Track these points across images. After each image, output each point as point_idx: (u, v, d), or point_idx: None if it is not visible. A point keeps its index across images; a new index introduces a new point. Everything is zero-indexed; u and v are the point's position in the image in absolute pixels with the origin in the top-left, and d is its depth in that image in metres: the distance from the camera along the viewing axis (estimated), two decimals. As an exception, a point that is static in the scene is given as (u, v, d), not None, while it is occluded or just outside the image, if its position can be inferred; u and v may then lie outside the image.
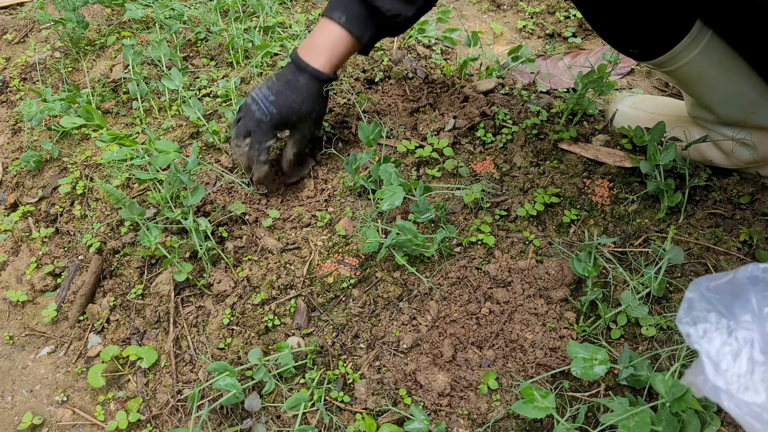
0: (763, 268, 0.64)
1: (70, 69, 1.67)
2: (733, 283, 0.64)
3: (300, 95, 1.15)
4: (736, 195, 1.18)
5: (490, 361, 1.00)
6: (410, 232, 1.05)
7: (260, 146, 1.17)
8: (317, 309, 1.09)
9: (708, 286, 0.64)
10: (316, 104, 1.17)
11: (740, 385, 0.58)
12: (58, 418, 1.04)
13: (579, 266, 1.02)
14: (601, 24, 1.05)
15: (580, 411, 0.89)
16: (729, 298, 0.63)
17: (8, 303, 1.21)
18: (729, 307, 0.62)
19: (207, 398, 1.00)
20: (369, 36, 1.15)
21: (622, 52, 1.10)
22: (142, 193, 1.31)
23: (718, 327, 0.61)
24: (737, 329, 0.61)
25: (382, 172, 1.15)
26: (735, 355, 0.60)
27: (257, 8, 1.70)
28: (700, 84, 1.10)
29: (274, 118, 1.15)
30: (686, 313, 0.62)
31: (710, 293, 0.63)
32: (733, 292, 0.63)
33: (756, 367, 0.59)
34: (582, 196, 1.21)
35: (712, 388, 0.58)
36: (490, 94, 1.46)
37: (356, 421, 0.95)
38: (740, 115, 1.11)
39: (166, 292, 1.14)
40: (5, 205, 1.38)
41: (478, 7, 1.84)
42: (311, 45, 1.16)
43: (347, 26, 1.12)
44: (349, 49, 1.15)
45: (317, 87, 1.16)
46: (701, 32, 1.00)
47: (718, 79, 1.07)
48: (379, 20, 1.13)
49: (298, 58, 1.16)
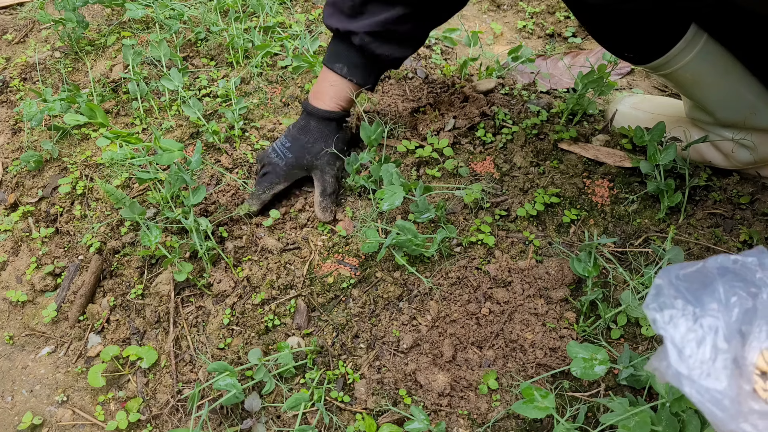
0: (734, 259, 0.64)
1: (70, 69, 1.67)
2: (702, 272, 0.64)
3: (312, 136, 1.21)
4: (736, 195, 1.18)
5: (490, 361, 1.00)
6: (410, 232, 1.05)
7: (270, 185, 1.22)
8: (317, 309, 1.09)
9: (677, 274, 0.64)
10: (328, 141, 1.21)
11: (702, 371, 0.58)
12: (58, 418, 1.04)
13: (579, 266, 1.02)
14: (596, 28, 1.05)
15: (580, 411, 0.89)
16: (697, 286, 0.63)
17: (8, 303, 1.21)
18: (696, 295, 0.62)
19: (207, 398, 1.00)
20: (372, 78, 1.21)
21: (618, 56, 1.10)
22: (142, 193, 1.31)
23: (684, 313, 0.61)
24: (703, 317, 0.61)
25: (384, 172, 1.15)
26: (699, 341, 0.60)
27: (257, 8, 1.70)
28: (697, 87, 1.10)
29: (289, 162, 1.21)
30: (653, 299, 0.62)
31: (679, 281, 0.63)
32: (702, 280, 0.63)
33: (719, 354, 0.59)
34: (582, 196, 1.21)
35: (675, 373, 0.58)
36: (490, 94, 1.46)
37: (356, 421, 0.95)
38: (738, 117, 1.11)
39: (166, 292, 1.14)
40: (5, 205, 1.38)
41: (478, 7, 1.84)
42: (317, 92, 1.22)
43: (349, 76, 1.18)
44: (353, 93, 1.20)
45: (327, 126, 1.21)
46: (696, 35, 1.00)
47: (714, 82, 1.07)
48: (379, 64, 1.19)
49: (308, 104, 1.22)
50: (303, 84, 1.51)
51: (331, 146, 1.21)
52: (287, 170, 1.21)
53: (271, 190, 1.22)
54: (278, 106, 1.47)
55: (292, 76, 1.53)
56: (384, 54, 1.14)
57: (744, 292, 0.63)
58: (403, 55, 1.18)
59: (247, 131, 1.40)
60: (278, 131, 1.38)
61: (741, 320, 0.62)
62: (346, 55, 1.16)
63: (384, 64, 1.19)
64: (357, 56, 1.16)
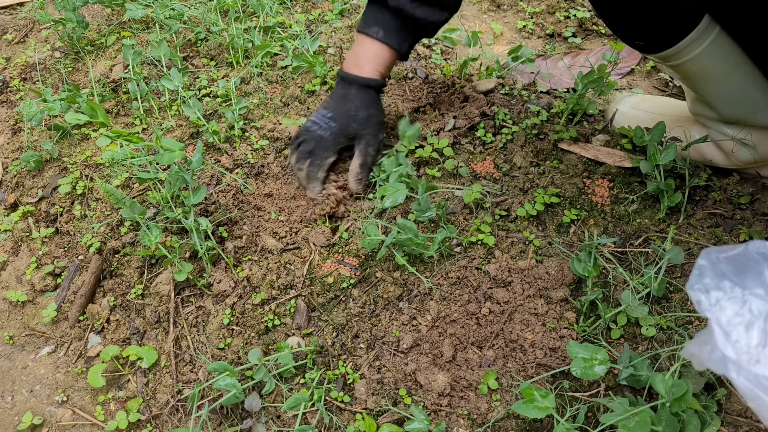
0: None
1: (70, 69, 1.67)
2: (745, 256, 0.61)
3: (354, 103, 1.19)
4: (736, 195, 1.18)
5: (490, 361, 1.00)
6: (411, 231, 1.05)
7: (321, 162, 1.19)
8: (317, 309, 1.09)
9: (719, 257, 0.61)
10: (371, 109, 1.19)
11: (751, 357, 0.55)
12: (58, 418, 1.04)
13: (579, 266, 1.02)
14: (609, 14, 1.05)
15: (580, 411, 0.89)
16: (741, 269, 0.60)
17: (8, 303, 1.21)
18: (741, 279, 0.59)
19: (207, 398, 1.00)
20: (407, 44, 1.18)
21: (628, 44, 1.09)
22: (142, 193, 1.31)
23: (731, 296, 0.58)
24: (751, 300, 0.58)
25: (397, 163, 1.16)
26: (747, 326, 0.57)
27: (257, 8, 1.69)
28: (704, 80, 1.09)
29: (334, 131, 1.18)
30: (697, 280, 0.60)
31: (721, 263, 0.60)
32: (745, 264, 0.60)
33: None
34: (582, 196, 1.21)
35: (721, 358, 0.55)
36: (490, 94, 1.46)
37: (356, 421, 0.95)
38: (741, 114, 1.11)
39: (166, 292, 1.14)
40: (5, 205, 1.38)
41: (478, 7, 1.84)
42: (355, 59, 1.20)
43: (385, 40, 1.16)
44: (391, 59, 1.18)
45: (369, 94, 1.19)
46: (709, 28, 1.00)
47: (722, 76, 1.07)
48: (415, 28, 1.17)
49: (345, 73, 1.20)
50: (303, 84, 1.51)
51: (376, 114, 1.19)
52: (334, 140, 1.19)
53: (323, 166, 1.20)
54: (278, 106, 1.47)
55: (292, 76, 1.53)
56: (421, 17, 1.13)
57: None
58: (439, 19, 1.16)
59: (247, 131, 1.40)
60: (278, 131, 1.38)
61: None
62: (382, 18, 1.15)
63: (420, 28, 1.17)
64: (393, 19, 1.14)
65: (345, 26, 1.69)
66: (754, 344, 0.56)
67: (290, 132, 1.38)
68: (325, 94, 1.47)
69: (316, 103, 1.45)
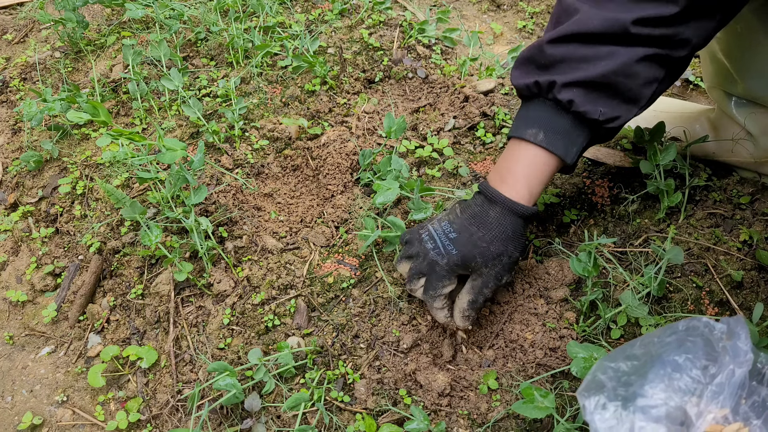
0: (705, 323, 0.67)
1: (70, 69, 1.67)
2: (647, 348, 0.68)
3: (489, 232, 0.93)
4: (736, 195, 1.18)
5: (490, 361, 1.00)
6: (400, 229, 1.05)
7: (435, 292, 0.95)
8: (317, 309, 1.09)
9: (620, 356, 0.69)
10: (509, 245, 0.93)
11: None
12: (58, 418, 1.04)
13: (579, 266, 1.02)
14: None
15: (580, 411, 0.89)
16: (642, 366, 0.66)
17: (8, 303, 1.21)
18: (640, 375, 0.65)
19: (207, 398, 1.00)
20: (576, 150, 0.92)
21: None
22: (142, 193, 1.31)
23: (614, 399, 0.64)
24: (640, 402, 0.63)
25: (394, 163, 1.15)
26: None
27: (257, 8, 1.69)
28: (742, 43, 1.03)
29: (452, 261, 0.93)
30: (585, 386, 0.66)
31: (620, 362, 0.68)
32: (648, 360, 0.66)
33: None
34: (582, 196, 1.21)
35: None
36: (490, 94, 1.45)
37: (356, 421, 0.95)
38: (763, 91, 1.08)
39: (166, 292, 1.14)
40: (5, 205, 1.38)
41: (478, 7, 1.84)
42: (503, 171, 0.95)
43: (546, 145, 0.90)
44: (551, 171, 0.93)
45: (513, 222, 0.93)
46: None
47: (759, 42, 1.00)
48: (590, 128, 0.92)
49: (488, 187, 0.95)
50: (303, 84, 1.51)
51: (511, 252, 0.94)
52: (449, 271, 0.94)
53: (439, 297, 0.96)
54: (278, 106, 1.47)
55: (292, 76, 1.53)
56: (597, 112, 0.87)
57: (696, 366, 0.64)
58: (617, 115, 0.89)
59: (247, 131, 1.40)
60: (278, 131, 1.38)
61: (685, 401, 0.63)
62: (543, 117, 0.91)
63: (594, 128, 0.91)
64: (558, 117, 0.90)
65: (345, 26, 1.68)
66: None
67: (290, 132, 1.37)
68: (325, 94, 1.47)
69: (316, 103, 1.45)
